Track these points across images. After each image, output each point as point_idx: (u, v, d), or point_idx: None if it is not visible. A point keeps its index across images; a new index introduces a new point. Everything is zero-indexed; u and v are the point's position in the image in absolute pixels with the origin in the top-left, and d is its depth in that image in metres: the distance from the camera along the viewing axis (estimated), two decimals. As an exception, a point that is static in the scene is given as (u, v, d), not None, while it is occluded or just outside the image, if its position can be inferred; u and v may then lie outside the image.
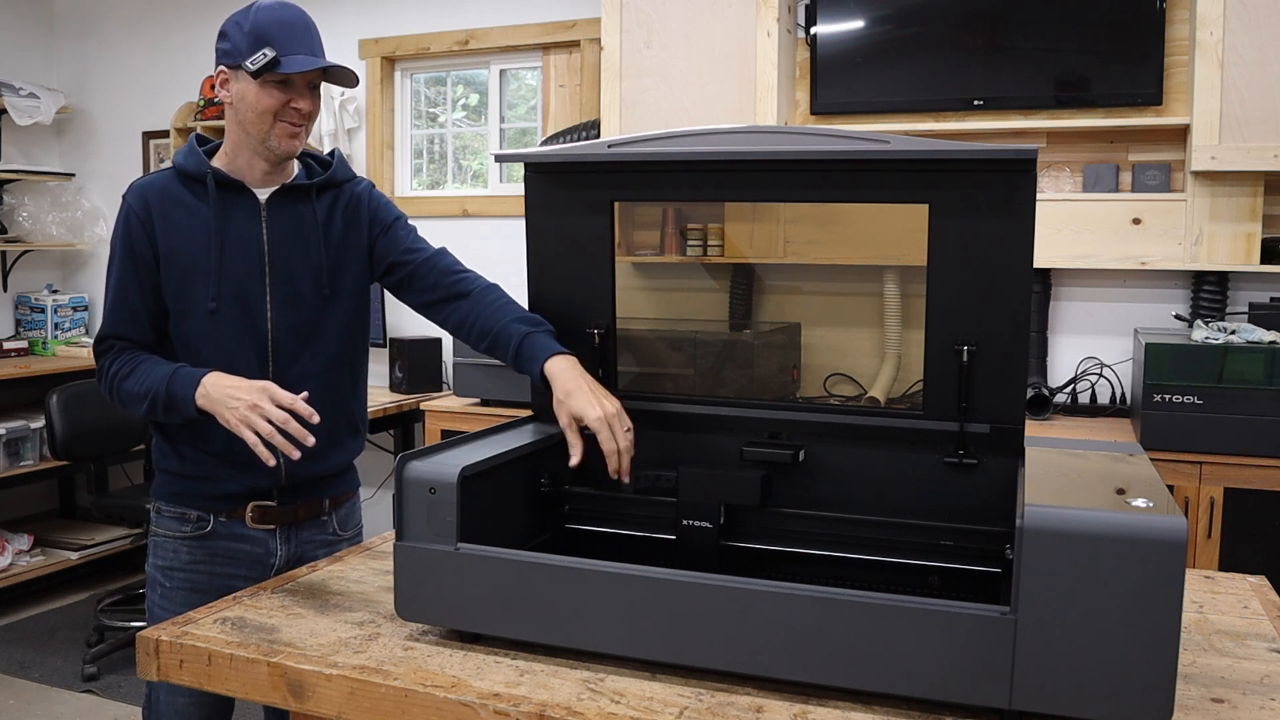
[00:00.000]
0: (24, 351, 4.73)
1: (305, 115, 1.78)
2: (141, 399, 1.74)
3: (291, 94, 1.75)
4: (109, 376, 1.81)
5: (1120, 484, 1.23)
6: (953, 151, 1.36)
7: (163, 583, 1.86)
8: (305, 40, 1.74)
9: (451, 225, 4.33)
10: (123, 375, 1.78)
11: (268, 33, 1.71)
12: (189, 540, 1.85)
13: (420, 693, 1.23)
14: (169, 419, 1.76)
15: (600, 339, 1.63)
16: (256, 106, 1.74)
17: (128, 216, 1.79)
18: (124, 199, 1.81)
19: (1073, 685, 1.09)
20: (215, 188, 1.79)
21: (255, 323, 1.80)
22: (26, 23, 4.97)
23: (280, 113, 1.75)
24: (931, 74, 3.32)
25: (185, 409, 1.70)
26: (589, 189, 1.58)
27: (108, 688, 3.59)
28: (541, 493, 1.58)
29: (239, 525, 1.85)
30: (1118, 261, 3.16)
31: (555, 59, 4.16)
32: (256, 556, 1.87)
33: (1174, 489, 2.77)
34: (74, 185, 4.99)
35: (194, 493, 1.85)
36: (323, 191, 1.87)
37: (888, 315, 3.23)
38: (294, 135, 1.78)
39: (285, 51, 1.71)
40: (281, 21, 1.72)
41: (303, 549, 1.91)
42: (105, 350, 1.83)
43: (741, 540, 1.54)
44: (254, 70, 1.70)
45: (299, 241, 1.83)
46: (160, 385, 1.72)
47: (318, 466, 1.87)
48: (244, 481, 1.83)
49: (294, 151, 1.80)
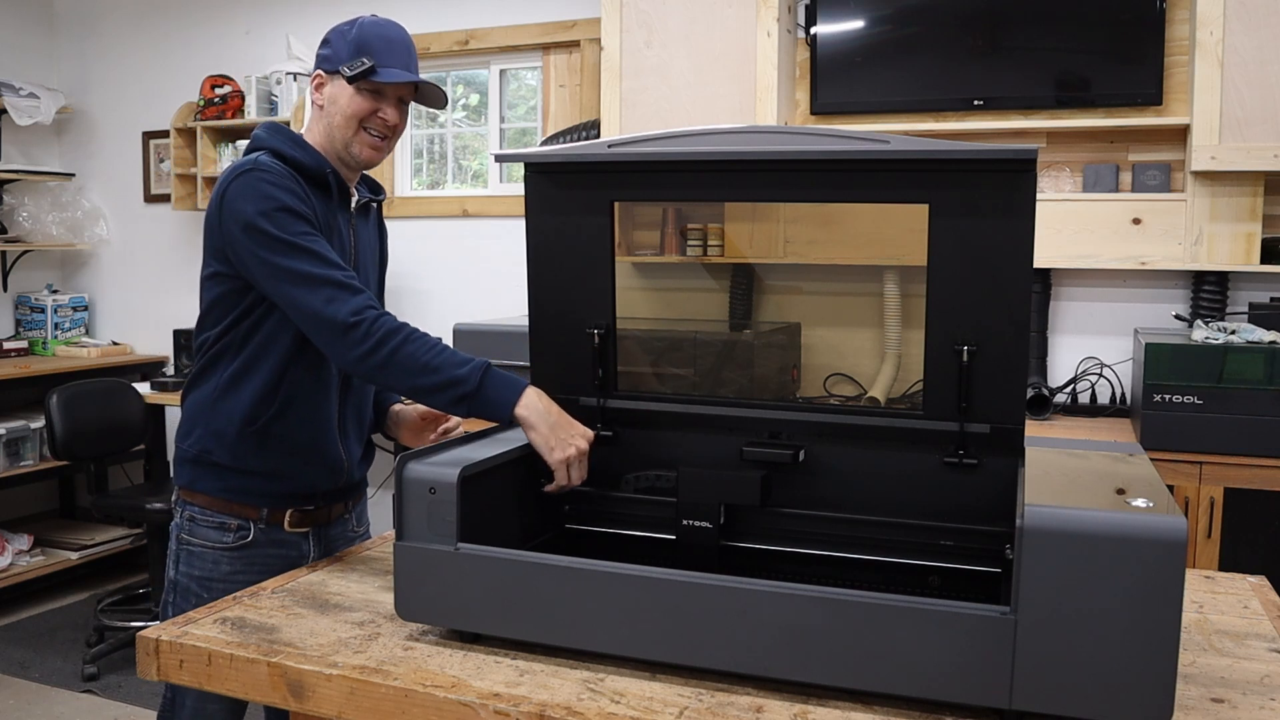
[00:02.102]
0: (24, 351, 4.73)
1: (390, 127, 1.81)
2: (434, 371, 1.60)
3: (381, 104, 1.79)
4: (379, 330, 1.62)
5: (1120, 484, 1.23)
6: (953, 151, 1.36)
7: (200, 593, 1.81)
8: (404, 56, 1.80)
9: (451, 225, 4.33)
10: (407, 336, 1.63)
11: (370, 44, 1.77)
12: (230, 551, 1.82)
13: (420, 693, 1.23)
14: (454, 409, 1.63)
15: (600, 339, 1.63)
16: (346, 110, 1.78)
17: (278, 182, 1.70)
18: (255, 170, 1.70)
19: (1073, 685, 1.09)
20: (336, 187, 1.82)
21: None
22: (26, 23, 4.97)
23: (367, 120, 1.79)
24: (931, 74, 3.32)
25: (497, 410, 1.59)
26: (589, 189, 1.58)
27: (108, 688, 3.59)
28: (541, 493, 1.58)
29: (277, 530, 1.85)
30: (1118, 261, 3.16)
31: (555, 59, 4.16)
32: (291, 559, 1.87)
33: (1174, 489, 2.77)
34: (74, 185, 4.99)
35: (244, 488, 1.81)
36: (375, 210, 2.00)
37: (888, 315, 3.23)
38: (376, 147, 1.82)
39: (383, 63, 1.77)
40: (384, 36, 1.79)
41: (331, 546, 1.94)
42: (361, 293, 1.66)
43: (741, 540, 1.54)
44: (350, 75, 1.76)
45: (368, 253, 1.93)
46: (474, 374, 1.60)
47: (365, 468, 1.97)
48: (305, 480, 1.84)
49: (374, 162, 1.83)
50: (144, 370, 4.71)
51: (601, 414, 1.66)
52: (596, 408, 1.66)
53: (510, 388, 1.59)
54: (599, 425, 1.66)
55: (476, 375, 1.60)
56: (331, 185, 1.80)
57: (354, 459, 1.91)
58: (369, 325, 1.61)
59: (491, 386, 1.59)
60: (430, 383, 1.61)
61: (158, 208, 4.88)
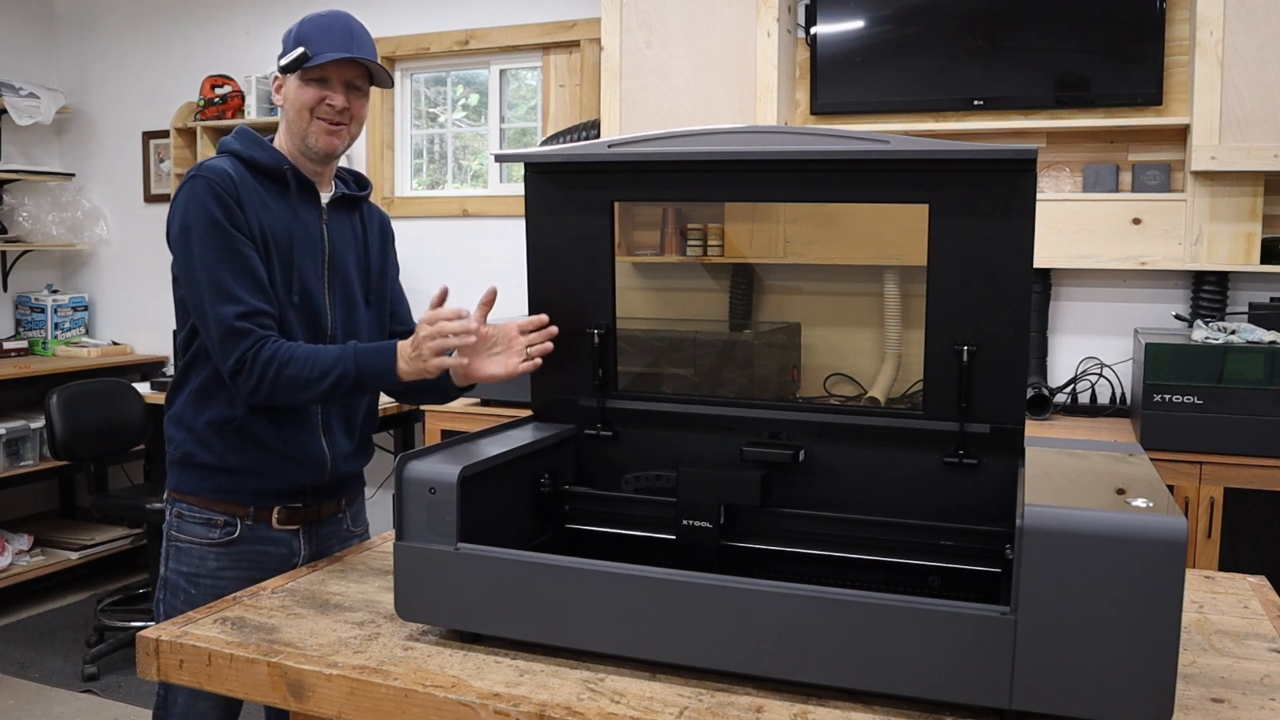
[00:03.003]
0: (24, 351, 4.73)
1: (340, 111, 1.83)
2: (317, 381, 1.68)
3: (327, 91, 1.81)
4: (259, 367, 1.68)
5: (1120, 484, 1.23)
6: (953, 151, 1.36)
7: (187, 589, 1.83)
8: (343, 40, 1.80)
9: (451, 225, 4.33)
10: (281, 362, 1.69)
11: (306, 35, 1.80)
12: (216, 547, 1.83)
13: (420, 693, 1.23)
14: (351, 397, 1.78)
15: (600, 339, 1.63)
16: (295, 103, 1.82)
17: (216, 192, 1.72)
18: (200, 177, 1.74)
19: (1073, 685, 1.09)
20: (295, 183, 1.83)
21: (319, 320, 1.84)
22: (26, 23, 4.97)
23: (316, 109, 1.81)
24: (931, 74, 3.32)
25: (384, 380, 1.72)
26: (589, 189, 1.58)
27: (108, 688, 3.59)
28: (541, 493, 1.58)
29: (265, 528, 1.85)
30: (1118, 261, 3.16)
31: (555, 59, 4.16)
32: (281, 557, 1.87)
33: (1174, 489, 2.77)
34: (74, 185, 4.99)
35: (230, 487, 1.82)
36: (363, 204, 1.99)
37: (888, 315, 3.24)
38: (332, 133, 1.83)
39: (318, 50, 1.78)
40: (321, 24, 1.81)
41: (322, 546, 1.93)
42: (241, 335, 1.69)
43: (741, 540, 1.54)
44: (283, 65, 1.81)
45: (350, 248, 1.92)
46: (347, 363, 1.69)
47: (355, 465, 1.95)
48: (289, 477, 1.84)
49: (333, 150, 1.84)
50: (144, 370, 4.71)
51: (601, 414, 1.66)
52: (596, 408, 1.66)
53: (382, 356, 1.70)
54: (599, 425, 1.66)
55: (351, 362, 1.70)
56: (290, 182, 1.82)
57: (339, 454, 1.89)
58: (249, 365, 1.69)
59: (367, 364, 1.70)
60: (319, 391, 1.70)
61: (158, 208, 4.88)
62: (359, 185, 1.99)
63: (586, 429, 1.67)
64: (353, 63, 1.81)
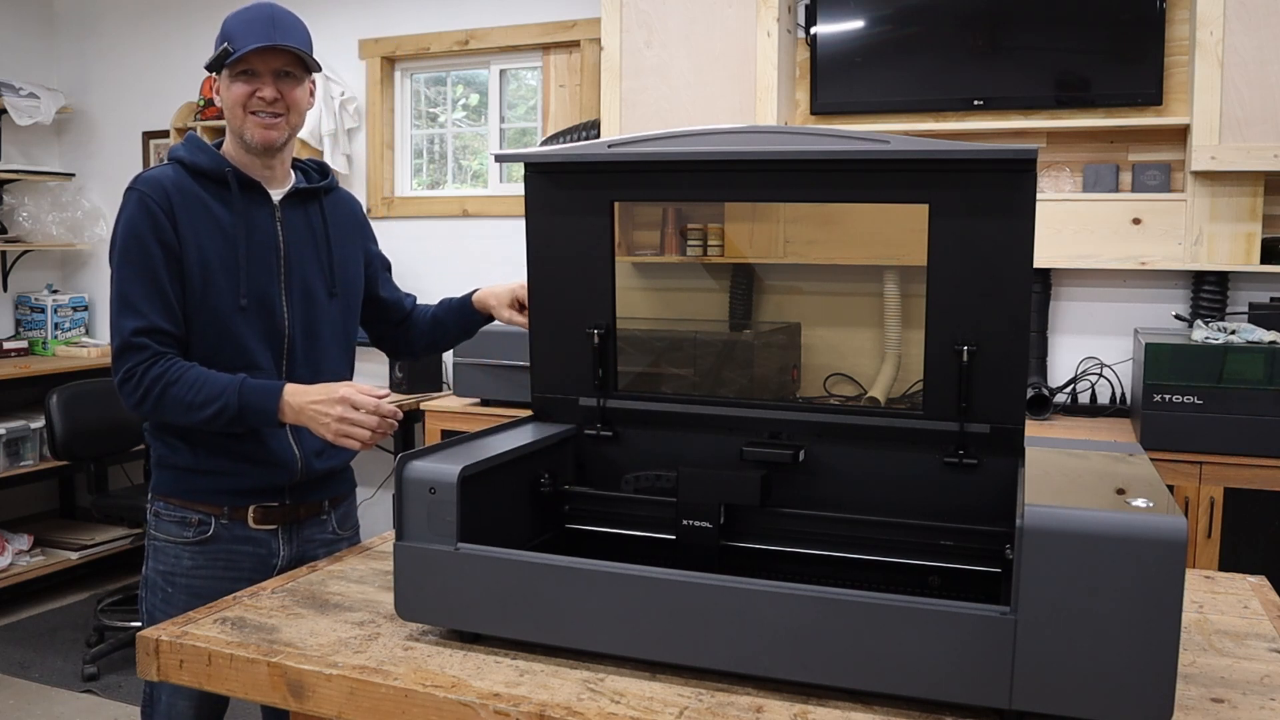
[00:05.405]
0: (24, 351, 4.73)
1: (272, 102, 1.81)
2: (200, 408, 1.72)
3: (256, 84, 1.81)
4: (145, 382, 1.73)
5: (1120, 484, 1.23)
6: (953, 151, 1.36)
7: (164, 588, 1.85)
8: (265, 30, 1.79)
9: (451, 225, 4.33)
10: (168, 381, 1.73)
11: (230, 31, 1.81)
12: (191, 545, 1.84)
13: (420, 693, 1.23)
14: (232, 429, 1.76)
15: (600, 339, 1.63)
16: (228, 100, 1.83)
17: (146, 206, 1.76)
18: (135, 190, 1.78)
19: (1073, 685, 1.09)
20: (237, 184, 1.82)
21: (275, 321, 1.84)
22: (26, 23, 4.97)
23: (248, 103, 1.81)
24: (931, 74, 3.32)
25: (264, 420, 1.73)
26: (589, 189, 1.58)
27: (108, 688, 3.59)
28: (541, 493, 1.58)
29: (241, 526, 1.85)
30: (1118, 261, 3.16)
31: (555, 59, 4.16)
32: (260, 558, 1.87)
33: (1174, 489, 2.77)
34: (74, 185, 4.99)
35: (204, 488, 1.84)
36: (324, 195, 1.95)
37: (888, 315, 3.24)
38: (267, 125, 1.82)
39: (240, 44, 1.78)
40: (245, 18, 1.81)
41: (304, 548, 1.92)
42: (136, 349, 1.74)
43: (741, 540, 1.54)
44: (208, 64, 1.82)
45: (310, 243, 1.89)
46: (231, 396, 1.71)
47: (328, 463, 1.92)
48: (260, 477, 1.84)
49: (271, 143, 1.83)
50: (144, 370, 4.70)
51: (601, 414, 1.66)
52: (596, 408, 1.66)
53: (268, 395, 1.72)
54: (599, 425, 1.66)
55: (235, 396, 1.71)
56: (231, 183, 1.82)
57: (309, 451, 1.88)
58: (136, 379, 1.73)
59: (250, 401, 1.72)
60: (203, 416, 1.72)
61: (158, 208, 4.87)
62: (321, 174, 1.97)
63: (586, 429, 1.67)
64: (280, 51, 1.79)
